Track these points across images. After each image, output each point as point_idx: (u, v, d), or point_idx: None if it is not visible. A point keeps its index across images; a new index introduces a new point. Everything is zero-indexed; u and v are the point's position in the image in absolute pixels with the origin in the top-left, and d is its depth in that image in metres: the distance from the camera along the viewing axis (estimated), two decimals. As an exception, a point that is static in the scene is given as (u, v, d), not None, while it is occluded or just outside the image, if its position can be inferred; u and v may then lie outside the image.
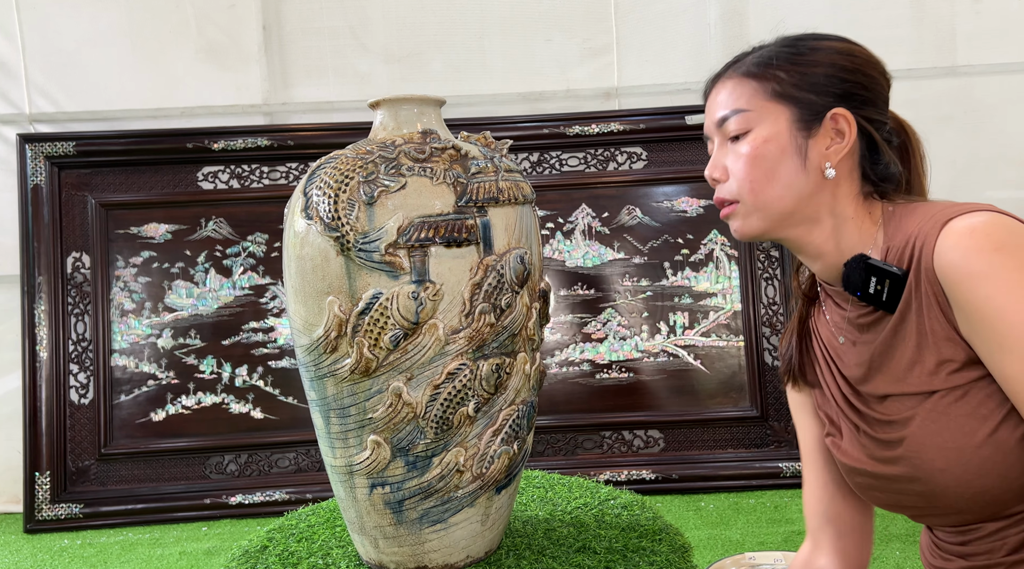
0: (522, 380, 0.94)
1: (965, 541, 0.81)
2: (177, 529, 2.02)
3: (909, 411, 0.79)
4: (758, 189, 0.84)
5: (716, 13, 2.18)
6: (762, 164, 0.84)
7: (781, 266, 2.14)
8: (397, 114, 0.98)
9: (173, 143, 2.14)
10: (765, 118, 0.84)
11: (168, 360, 2.13)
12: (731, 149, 0.86)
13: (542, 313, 0.99)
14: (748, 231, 0.86)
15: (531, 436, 0.99)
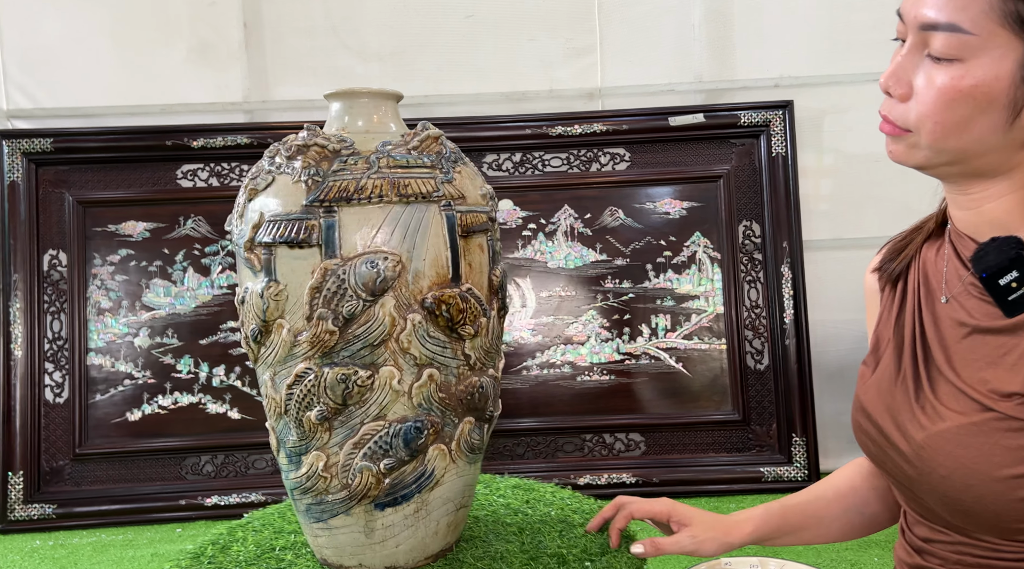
0: (389, 395, 0.89)
1: (929, 538, 0.78)
2: (151, 530, 2.00)
3: (959, 408, 0.71)
4: (942, 134, 0.69)
5: (700, 14, 2.17)
6: (960, 109, 0.67)
7: (764, 269, 2.13)
8: (351, 108, 0.96)
9: (152, 140, 2.12)
10: (987, 51, 0.65)
11: (145, 359, 2.11)
12: (926, 66, 0.69)
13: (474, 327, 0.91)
14: (907, 161, 0.74)
15: (438, 457, 0.92)
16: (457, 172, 0.94)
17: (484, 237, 0.94)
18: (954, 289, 0.76)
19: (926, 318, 0.77)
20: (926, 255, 0.82)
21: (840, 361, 2.19)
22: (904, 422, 0.75)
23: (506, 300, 1.00)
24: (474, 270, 0.92)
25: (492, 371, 0.97)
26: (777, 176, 2.12)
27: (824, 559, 1.67)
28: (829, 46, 2.17)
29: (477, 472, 1.00)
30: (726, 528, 0.89)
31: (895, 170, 2.22)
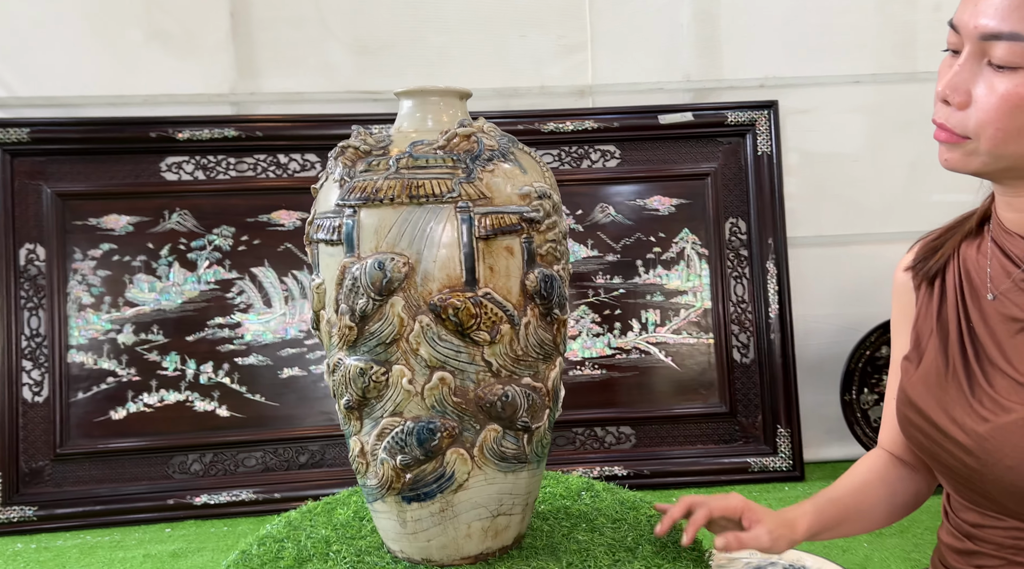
0: (403, 394, 0.90)
1: (979, 524, 0.81)
2: (139, 531, 1.96)
3: (1019, 401, 0.74)
4: (1003, 141, 0.71)
5: (688, 14, 2.20)
6: (1021, 116, 0.69)
7: (750, 265, 2.18)
8: (421, 106, 0.98)
9: (135, 132, 2.07)
10: None
11: (129, 356, 2.06)
12: (986, 75, 0.70)
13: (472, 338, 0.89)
14: (963, 169, 0.76)
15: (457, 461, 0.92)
16: (488, 171, 0.91)
17: (516, 239, 0.91)
18: (1002, 286, 0.78)
19: (972, 314, 0.80)
20: (966, 253, 0.85)
21: (820, 354, 2.26)
22: (960, 415, 0.78)
23: (554, 305, 0.94)
24: (497, 274, 0.89)
25: (530, 380, 0.93)
26: (762, 174, 2.17)
27: (816, 545, 1.72)
28: (811, 48, 2.23)
29: (524, 482, 0.97)
30: (792, 525, 0.92)
31: (870, 169, 2.29)
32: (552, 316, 0.94)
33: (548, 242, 0.93)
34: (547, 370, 0.95)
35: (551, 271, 0.93)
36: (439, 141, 0.95)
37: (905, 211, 2.28)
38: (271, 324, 2.11)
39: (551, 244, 0.94)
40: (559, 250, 0.95)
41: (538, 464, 0.98)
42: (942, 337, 0.83)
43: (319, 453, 2.09)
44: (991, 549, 0.80)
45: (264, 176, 2.12)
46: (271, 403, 2.09)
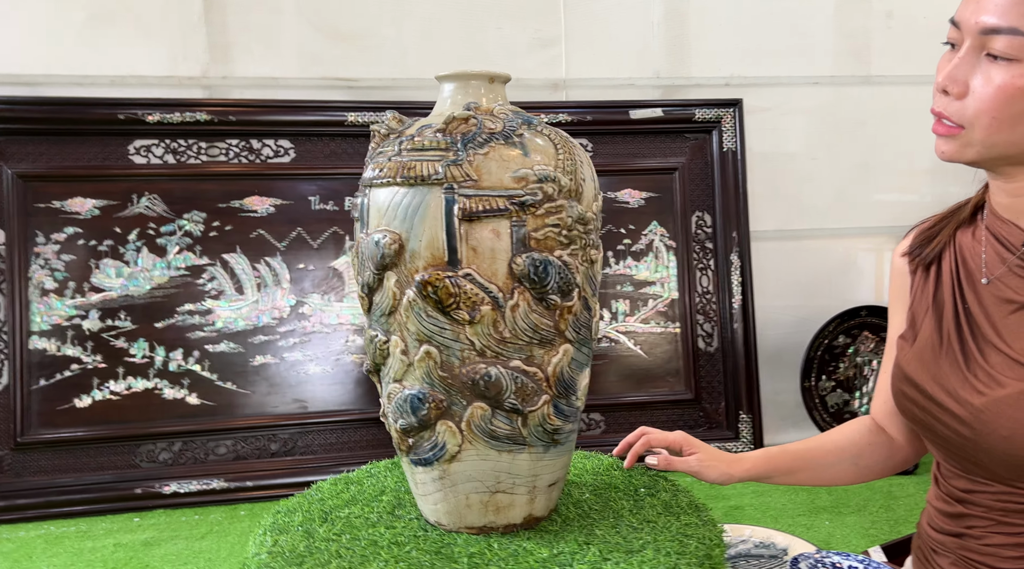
0: (400, 363, 0.97)
1: (970, 489, 0.87)
2: (106, 521, 1.92)
3: (1015, 375, 0.80)
4: (996, 129, 0.76)
5: (659, 13, 2.27)
6: (1016, 105, 0.74)
7: (715, 257, 2.26)
8: (461, 90, 1.01)
9: (102, 113, 2.01)
10: None
11: (95, 343, 2.01)
12: (984, 67, 0.76)
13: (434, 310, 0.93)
14: (959, 159, 0.80)
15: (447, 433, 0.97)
16: (481, 154, 0.93)
17: (505, 222, 0.92)
18: (996, 271, 0.85)
19: (968, 297, 0.86)
20: (961, 240, 0.91)
21: (778, 344, 2.36)
22: (955, 388, 0.84)
23: (550, 291, 0.93)
24: (481, 256, 0.91)
25: (520, 363, 0.95)
26: (727, 170, 2.25)
27: (782, 524, 1.81)
28: (773, 50, 2.32)
29: (525, 464, 0.99)
30: (729, 461, 1.01)
31: (825, 166, 2.39)
32: (549, 302, 0.94)
33: (548, 227, 0.93)
34: (547, 355, 0.95)
35: (545, 256, 0.93)
36: (438, 124, 0.98)
37: (857, 208, 2.40)
38: (243, 311, 2.09)
39: (552, 229, 0.93)
40: (569, 236, 0.94)
41: (546, 449, 0.98)
42: (937, 316, 0.89)
43: (291, 441, 2.08)
44: (981, 512, 0.87)
45: (237, 161, 2.09)
46: (242, 391, 2.07)
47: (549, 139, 0.97)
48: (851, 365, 2.25)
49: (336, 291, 2.13)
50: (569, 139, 0.99)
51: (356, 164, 2.13)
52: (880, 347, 2.25)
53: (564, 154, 0.96)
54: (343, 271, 2.14)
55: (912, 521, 1.82)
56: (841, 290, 2.40)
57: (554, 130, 1.00)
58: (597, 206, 0.99)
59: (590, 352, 1.02)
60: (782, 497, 1.98)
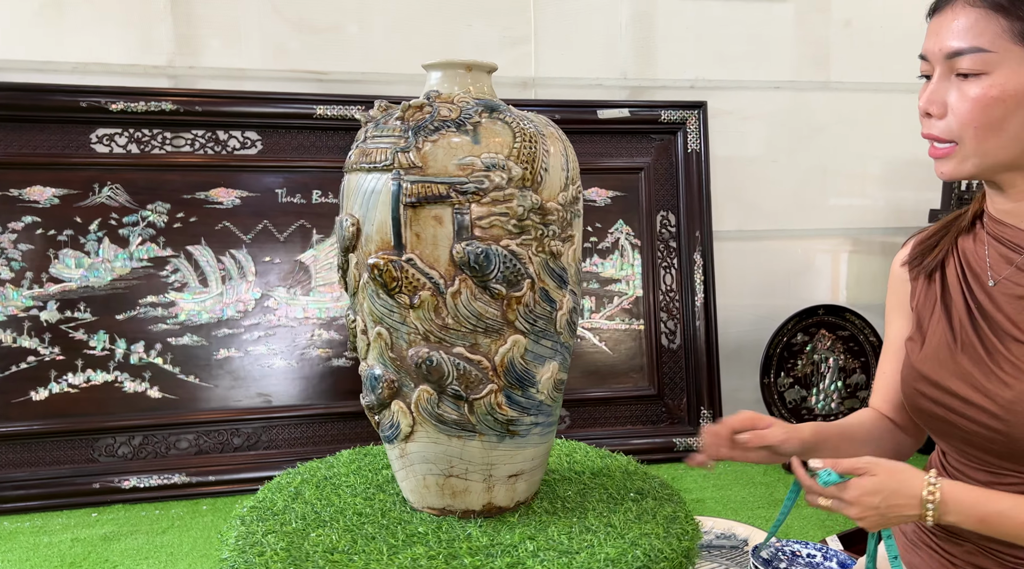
0: (362, 343, 1.01)
1: (992, 482, 0.90)
2: (62, 516, 1.88)
3: None
4: (983, 136, 0.81)
5: (627, 15, 2.30)
6: (992, 112, 0.80)
7: (678, 256, 2.30)
8: (447, 78, 1.01)
9: (64, 100, 1.97)
10: (1006, 63, 0.79)
11: (52, 335, 1.97)
12: (956, 86, 0.81)
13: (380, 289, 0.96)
14: (959, 175, 0.85)
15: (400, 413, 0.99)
16: (431, 141, 0.92)
17: (447, 209, 0.92)
18: (1003, 271, 0.89)
19: (979, 297, 0.91)
20: (964, 246, 0.95)
21: (738, 341, 2.42)
22: (981, 383, 0.88)
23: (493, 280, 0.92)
24: (424, 241, 0.92)
25: (463, 350, 0.94)
26: (691, 170, 2.30)
27: (742, 516, 1.85)
28: (737, 54, 2.38)
29: (477, 451, 0.99)
30: (796, 429, 1.01)
31: (785, 169, 2.45)
32: (492, 291, 0.93)
33: (495, 215, 0.92)
34: (493, 345, 0.94)
35: (488, 245, 0.91)
36: (398, 112, 1.00)
37: (814, 210, 2.47)
38: (207, 304, 2.06)
39: (500, 218, 0.92)
40: (520, 225, 0.93)
41: (500, 439, 0.98)
42: (947, 316, 0.93)
43: (255, 436, 2.06)
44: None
45: (202, 152, 2.07)
46: (205, 384, 2.04)
47: (510, 127, 0.95)
48: (808, 362, 2.31)
49: (302, 285, 2.12)
50: (538, 129, 0.96)
51: (325, 157, 2.12)
52: (836, 345, 2.32)
53: (522, 143, 0.94)
54: (310, 265, 2.12)
55: (866, 513, 1.88)
56: (799, 289, 2.46)
57: (524, 118, 0.97)
58: (566, 197, 0.96)
59: (559, 346, 0.99)
60: (742, 490, 2.02)
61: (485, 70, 1.01)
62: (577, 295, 1.01)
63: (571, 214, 0.98)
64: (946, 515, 0.85)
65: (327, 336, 2.11)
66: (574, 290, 1.00)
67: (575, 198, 0.98)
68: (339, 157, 2.12)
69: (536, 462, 1.04)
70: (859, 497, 0.86)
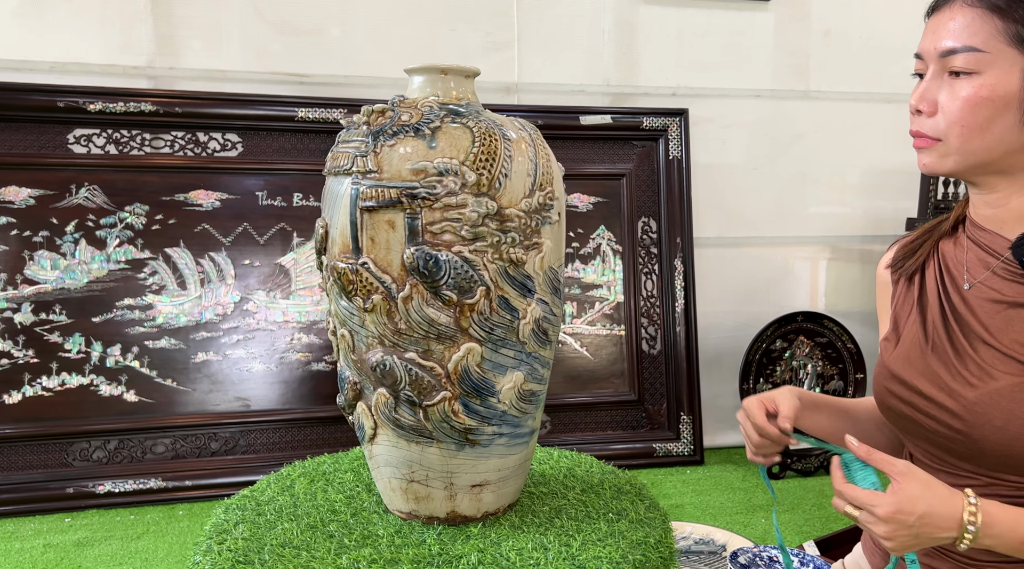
0: (334, 344, 1.02)
1: (953, 484, 0.89)
2: (35, 521, 1.85)
3: (1006, 369, 0.85)
4: (968, 136, 0.82)
5: (610, 22, 2.32)
6: (981, 112, 0.81)
7: (659, 262, 2.31)
8: (429, 83, 1.00)
9: (41, 99, 1.95)
10: (999, 64, 0.80)
11: (27, 337, 1.94)
12: (948, 84, 0.83)
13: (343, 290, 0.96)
14: (939, 170, 0.86)
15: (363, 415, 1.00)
16: (388, 146, 0.92)
17: (400, 214, 0.91)
18: (980, 276, 0.91)
19: (954, 299, 0.92)
20: (944, 249, 0.97)
21: (718, 347, 2.43)
22: (947, 382, 0.89)
23: (443, 286, 0.91)
24: (378, 245, 0.92)
25: (415, 355, 0.94)
26: (672, 177, 2.31)
27: (721, 521, 1.86)
28: (718, 62, 2.39)
29: (436, 458, 0.98)
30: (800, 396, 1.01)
31: (766, 176, 2.47)
32: (443, 297, 0.91)
33: (446, 221, 0.90)
34: (447, 351, 0.93)
35: (438, 251, 0.90)
36: (363, 117, 1.00)
37: (794, 218, 2.49)
38: (185, 307, 2.04)
39: (451, 223, 0.91)
40: (474, 232, 0.91)
41: (459, 447, 0.96)
42: (922, 317, 0.95)
43: (232, 440, 2.05)
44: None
45: (182, 154, 2.05)
46: (183, 388, 2.02)
47: (471, 132, 0.93)
48: (787, 369, 2.33)
49: (282, 288, 2.10)
50: (505, 133, 0.94)
51: (306, 160, 2.11)
52: (814, 352, 2.34)
53: (480, 148, 0.92)
54: (290, 268, 2.11)
55: (842, 519, 1.90)
56: (778, 296, 2.48)
57: (494, 122, 0.95)
58: (531, 204, 0.93)
59: (524, 356, 0.95)
60: (721, 496, 2.03)
61: (463, 74, 1.00)
62: (550, 304, 0.97)
63: (537, 221, 0.95)
64: (985, 538, 0.79)
65: (307, 340, 2.10)
66: (544, 299, 0.96)
67: (543, 205, 0.95)
68: (320, 160, 2.11)
69: (504, 473, 1.02)
70: (894, 513, 0.79)
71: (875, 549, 1.05)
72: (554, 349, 1.02)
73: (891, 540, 0.80)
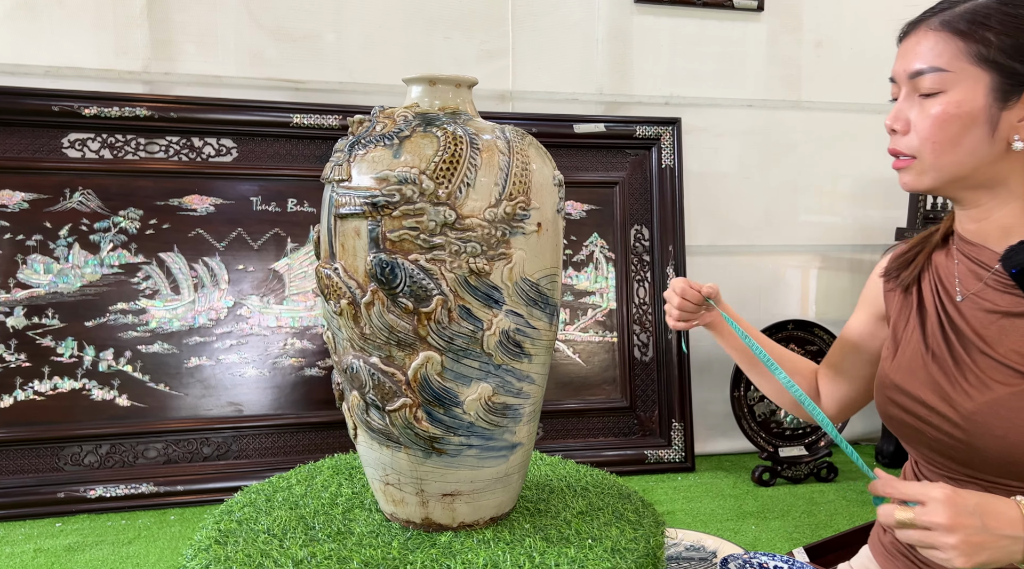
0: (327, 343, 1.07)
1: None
2: (25, 526, 1.85)
3: (1002, 379, 0.87)
4: (940, 151, 0.86)
5: (604, 31, 2.33)
6: (950, 128, 0.85)
7: (652, 270, 2.33)
8: (428, 93, 1.01)
9: (35, 103, 1.95)
10: (963, 81, 0.84)
11: (19, 341, 1.94)
12: (918, 103, 0.87)
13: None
14: (918, 187, 0.90)
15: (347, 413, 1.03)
16: (361, 154, 0.94)
17: (363, 222, 0.92)
18: (972, 287, 0.94)
19: (950, 311, 0.95)
20: (937, 261, 1.00)
21: (709, 355, 2.44)
22: (947, 392, 0.91)
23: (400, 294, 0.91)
24: (347, 252, 0.94)
25: (378, 361, 0.95)
26: (665, 185, 2.33)
27: (711, 528, 1.87)
28: (711, 72, 2.42)
29: (405, 463, 0.98)
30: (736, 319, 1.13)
31: (757, 185, 2.49)
32: (400, 305, 0.92)
33: (404, 229, 0.91)
34: (407, 358, 0.94)
35: (394, 258, 0.91)
36: (351, 127, 1.02)
37: (785, 227, 2.51)
38: (178, 311, 2.04)
39: (409, 232, 0.91)
40: (430, 241, 0.91)
41: (426, 455, 0.96)
42: (922, 328, 0.97)
43: (225, 445, 2.04)
44: None
45: (177, 159, 2.06)
46: (176, 393, 2.02)
47: (437, 141, 0.93)
48: (778, 376, 2.34)
49: (276, 293, 2.11)
50: (474, 141, 0.93)
51: (300, 166, 2.12)
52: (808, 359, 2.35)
53: (442, 158, 0.92)
54: (283, 273, 2.12)
55: (832, 526, 1.91)
56: (769, 304, 2.50)
57: (464, 131, 0.94)
58: (496, 213, 0.92)
59: (492, 367, 0.94)
60: (711, 503, 2.04)
61: (453, 83, 1.01)
62: (525, 316, 0.95)
63: (505, 231, 0.93)
64: None
65: (300, 345, 2.10)
66: (516, 311, 0.94)
67: (511, 214, 0.93)
68: (315, 166, 2.11)
69: (477, 486, 1.00)
70: (951, 496, 0.73)
71: (885, 550, 1.06)
72: (541, 362, 0.99)
73: (955, 532, 0.72)
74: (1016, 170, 0.88)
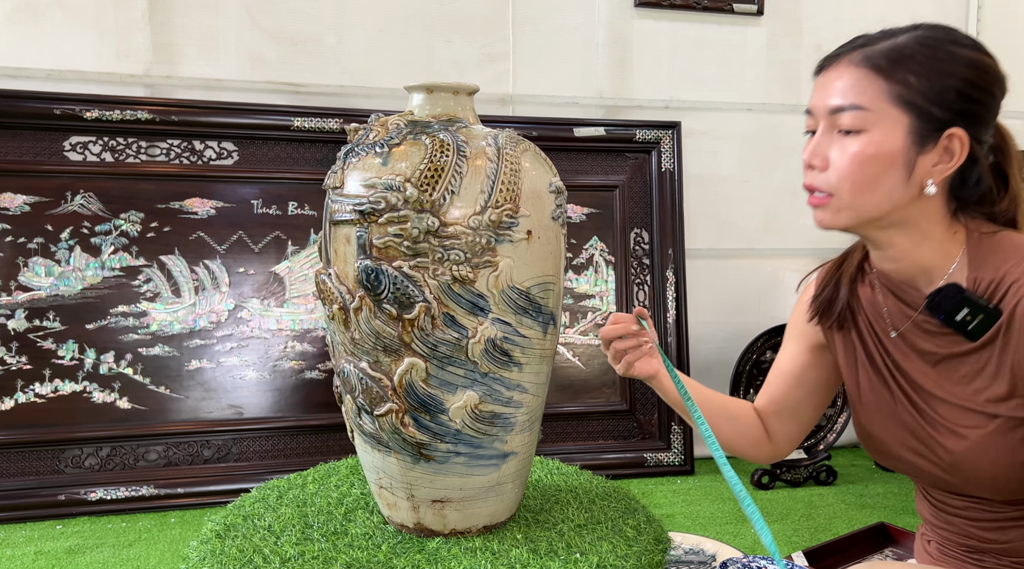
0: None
1: (970, 506, 0.93)
2: (26, 528, 1.85)
3: (970, 423, 0.87)
4: (857, 191, 0.84)
5: (604, 35, 2.34)
6: (869, 169, 0.83)
7: (651, 273, 2.33)
8: (429, 100, 1.02)
9: (37, 107, 1.95)
10: (883, 122, 0.82)
11: (20, 343, 1.94)
12: (837, 141, 0.84)
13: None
14: (834, 225, 0.88)
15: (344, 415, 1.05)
16: (354, 162, 0.95)
17: (352, 229, 0.93)
18: (902, 325, 0.92)
19: (891, 348, 0.93)
20: (863, 294, 0.98)
21: (709, 358, 2.45)
22: (927, 440, 0.91)
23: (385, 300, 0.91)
24: (339, 258, 0.95)
25: (366, 366, 0.95)
26: (665, 189, 2.33)
27: (711, 531, 1.88)
28: (711, 76, 2.42)
29: (395, 467, 0.99)
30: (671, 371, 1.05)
31: (756, 189, 2.49)
32: (384, 311, 0.92)
33: (389, 236, 0.91)
34: (392, 364, 0.94)
35: (379, 265, 0.92)
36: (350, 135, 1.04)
37: (784, 230, 2.52)
38: (179, 314, 2.05)
39: (393, 239, 0.91)
40: (414, 248, 0.91)
41: (415, 461, 0.96)
42: (875, 372, 0.96)
43: (225, 448, 2.05)
44: (975, 513, 0.95)
45: (178, 162, 2.06)
46: (176, 395, 2.03)
47: (426, 149, 0.93)
48: (777, 380, 2.35)
49: (276, 296, 2.11)
50: (461, 149, 0.93)
51: (301, 169, 2.13)
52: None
53: (427, 165, 0.92)
54: (284, 276, 2.12)
55: (831, 529, 1.92)
56: (769, 308, 2.51)
57: (453, 139, 0.94)
58: (481, 221, 0.91)
59: (478, 375, 0.94)
60: (711, 506, 2.05)
61: (451, 90, 1.02)
62: (514, 324, 0.95)
63: (490, 238, 0.93)
64: None
65: (300, 348, 2.11)
66: (504, 319, 0.94)
67: (497, 222, 0.92)
68: (316, 169, 2.12)
69: (467, 493, 1.00)
70: None
71: (933, 558, 1.05)
72: (534, 371, 0.98)
73: None
74: (928, 213, 0.86)
